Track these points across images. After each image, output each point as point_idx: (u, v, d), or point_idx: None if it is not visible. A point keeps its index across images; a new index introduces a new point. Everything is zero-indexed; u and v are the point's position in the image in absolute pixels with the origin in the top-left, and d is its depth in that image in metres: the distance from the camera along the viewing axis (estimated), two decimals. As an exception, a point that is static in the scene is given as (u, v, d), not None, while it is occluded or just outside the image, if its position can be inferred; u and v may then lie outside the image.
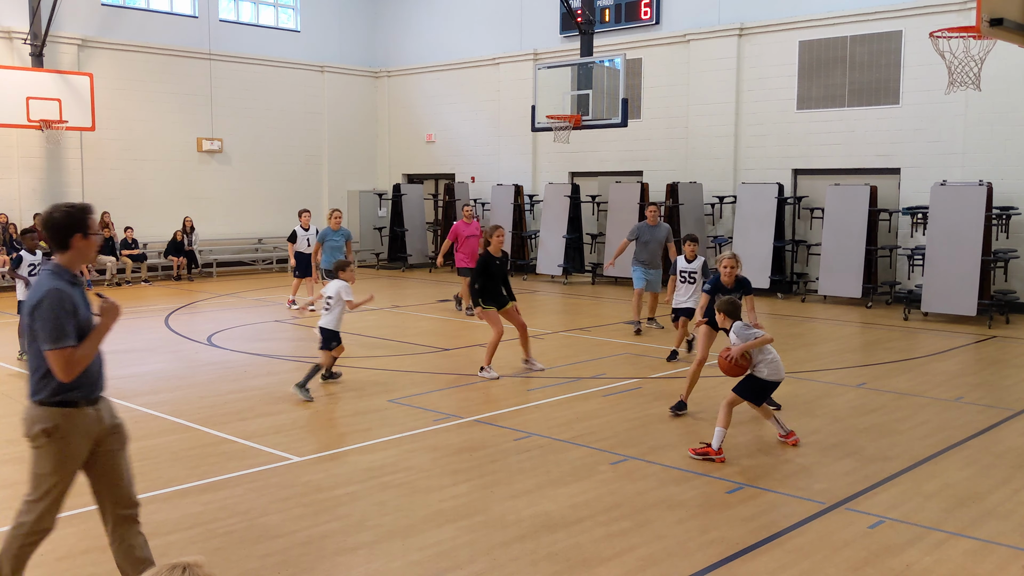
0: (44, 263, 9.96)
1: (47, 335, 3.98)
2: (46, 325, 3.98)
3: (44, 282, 4.06)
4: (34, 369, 4.12)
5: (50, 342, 3.97)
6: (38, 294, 4.02)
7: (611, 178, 20.56)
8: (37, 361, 4.09)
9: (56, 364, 3.99)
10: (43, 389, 4.12)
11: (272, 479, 6.53)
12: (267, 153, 23.46)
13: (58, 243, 4.12)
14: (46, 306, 3.99)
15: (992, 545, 5.35)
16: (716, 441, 6.97)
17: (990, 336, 13.10)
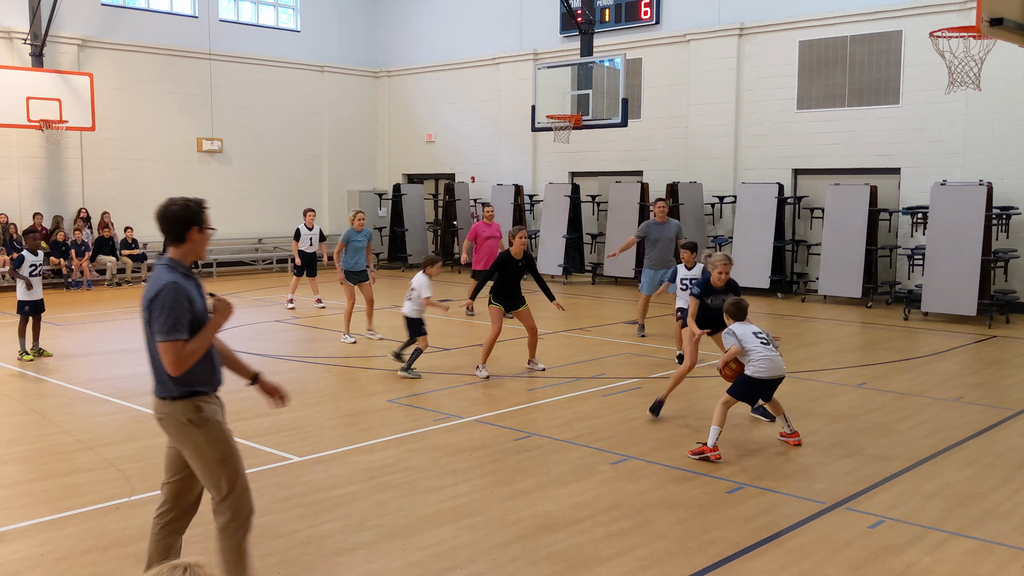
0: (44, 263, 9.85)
1: (160, 326, 3.98)
2: (161, 317, 3.98)
3: (161, 275, 4.06)
4: (160, 366, 4.09)
5: (163, 334, 3.97)
6: (156, 287, 4.02)
7: (611, 178, 20.56)
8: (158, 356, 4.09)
9: (167, 356, 3.98)
10: (181, 383, 4.11)
11: (272, 479, 6.53)
12: (267, 153, 23.46)
13: (174, 236, 4.13)
14: (163, 299, 3.99)
15: (992, 545, 5.35)
16: (711, 439, 6.98)
17: (990, 336, 13.10)
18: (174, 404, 4.12)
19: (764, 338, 7.16)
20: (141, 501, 6.05)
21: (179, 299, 4.00)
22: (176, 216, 4.12)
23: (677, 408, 8.63)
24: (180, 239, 4.14)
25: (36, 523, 5.69)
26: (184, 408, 4.11)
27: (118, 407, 8.66)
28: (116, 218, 20.37)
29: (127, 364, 10.81)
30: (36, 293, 11.02)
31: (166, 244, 4.20)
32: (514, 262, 10.03)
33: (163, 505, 4.34)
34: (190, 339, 4.02)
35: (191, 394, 4.13)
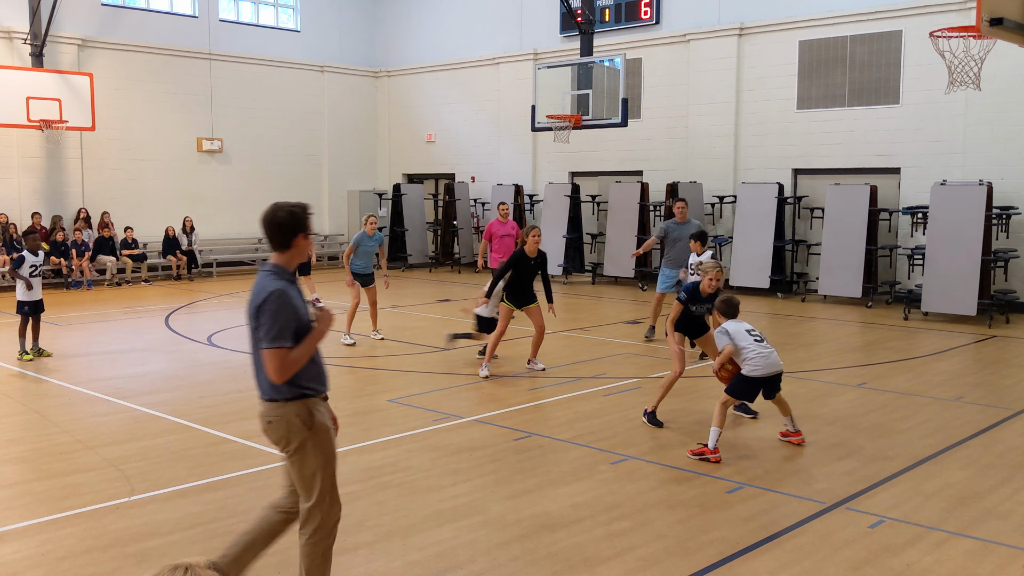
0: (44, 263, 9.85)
1: (266, 333, 3.98)
2: (267, 323, 3.98)
3: (267, 282, 4.06)
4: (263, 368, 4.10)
5: (268, 340, 3.97)
6: (262, 294, 4.01)
7: (611, 178, 20.57)
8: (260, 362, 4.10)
9: (271, 363, 3.98)
10: (292, 385, 4.10)
11: (272, 479, 6.52)
12: (267, 153, 23.46)
13: (280, 242, 4.12)
14: (270, 305, 3.99)
15: (992, 545, 5.35)
16: (711, 440, 6.97)
17: (990, 336, 13.10)
18: (286, 406, 4.11)
19: (758, 335, 7.15)
20: (141, 501, 6.06)
21: (285, 306, 4.00)
22: (283, 223, 4.11)
23: (677, 408, 8.63)
24: (286, 246, 4.13)
25: (36, 523, 5.69)
26: (297, 409, 4.12)
27: (118, 407, 8.66)
28: (116, 218, 20.37)
29: (127, 364, 10.81)
30: (36, 293, 10.98)
31: (272, 248, 4.18)
32: (528, 260, 10.06)
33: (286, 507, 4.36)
34: (294, 347, 4.02)
35: (302, 396, 4.13)
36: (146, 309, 15.78)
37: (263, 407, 4.16)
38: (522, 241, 10.21)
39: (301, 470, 4.15)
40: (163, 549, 5.24)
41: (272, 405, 4.12)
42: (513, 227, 14.35)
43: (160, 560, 5.07)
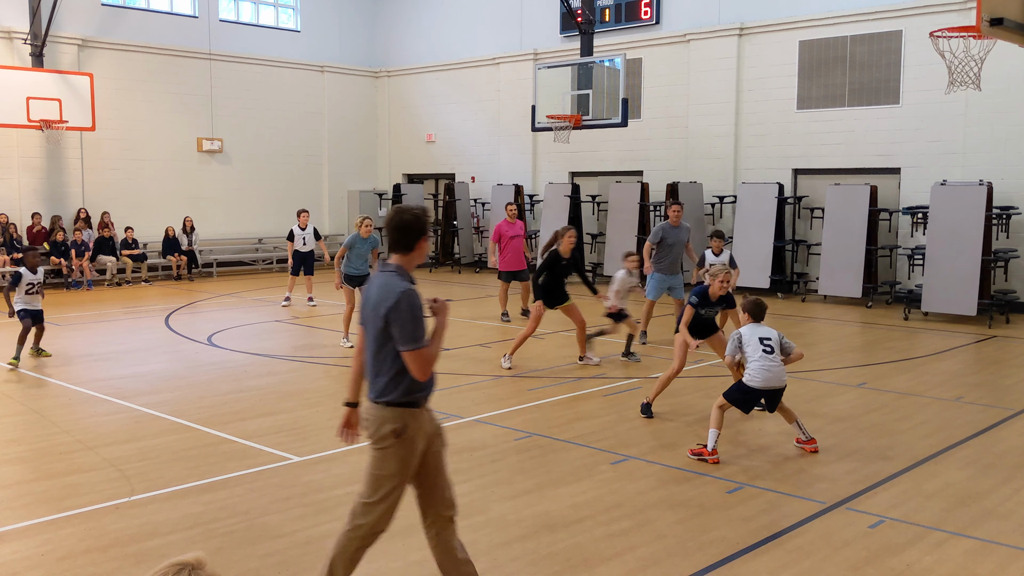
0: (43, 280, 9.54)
1: (407, 335, 3.98)
2: (406, 326, 3.98)
3: (394, 283, 4.05)
4: (384, 370, 4.10)
5: (411, 342, 3.97)
6: (393, 295, 4.00)
7: (611, 178, 20.56)
8: (388, 362, 4.08)
9: (416, 364, 4.00)
10: (394, 390, 4.10)
11: (272, 479, 6.53)
12: (267, 153, 23.46)
13: (405, 244, 4.15)
14: (405, 307, 3.99)
15: (992, 545, 5.34)
16: (710, 442, 6.97)
17: (990, 336, 13.10)
18: (387, 409, 4.13)
19: (769, 346, 7.02)
20: (141, 501, 6.05)
21: (418, 307, 4.03)
22: (410, 225, 4.14)
23: (677, 407, 8.64)
24: (409, 248, 4.16)
25: (36, 523, 5.69)
26: (394, 415, 4.13)
27: (118, 407, 8.66)
28: (116, 218, 20.38)
29: (127, 364, 10.81)
30: (36, 304, 10.73)
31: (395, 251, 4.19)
32: (562, 261, 10.25)
33: (426, 518, 4.39)
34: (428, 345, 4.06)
35: (407, 404, 4.14)
36: (146, 309, 15.78)
37: (368, 407, 4.20)
38: (554, 240, 10.42)
39: (378, 468, 4.21)
40: (163, 549, 5.24)
41: (374, 406, 4.16)
42: (521, 227, 14.26)
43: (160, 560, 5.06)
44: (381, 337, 4.06)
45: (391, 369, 4.08)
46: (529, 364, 10.75)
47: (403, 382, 4.09)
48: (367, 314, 4.15)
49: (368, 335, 4.15)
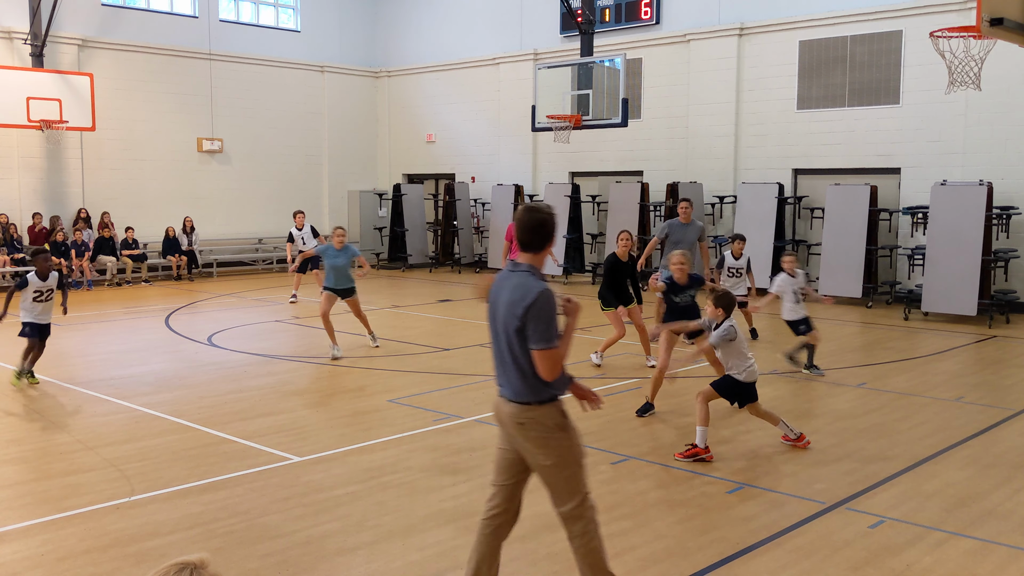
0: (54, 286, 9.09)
1: (541, 335, 3.98)
2: (540, 325, 3.98)
3: (531, 282, 4.05)
4: (529, 371, 4.08)
5: (544, 342, 3.98)
6: (531, 294, 4.00)
7: (611, 178, 20.56)
8: (530, 362, 4.06)
9: (546, 363, 4.00)
10: (549, 386, 4.11)
11: (272, 479, 6.53)
12: (267, 153, 23.46)
13: (538, 244, 4.17)
14: (541, 306, 3.99)
15: (992, 545, 5.34)
16: (700, 440, 6.97)
17: (990, 336, 13.10)
18: (540, 409, 4.10)
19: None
20: (141, 501, 6.06)
21: (553, 307, 4.03)
22: (543, 225, 4.16)
23: (677, 407, 8.63)
24: (541, 248, 4.18)
25: (36, 523, 5.69)
26: (551, 412, 4.11)
27: (118, 407, 8.66)
28: (116, 218, 20.37)
29: (127, 364, 10.81)
30: (44, 317, 9.52)
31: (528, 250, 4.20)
32: (621, 264, 10.40)
33: (496, 508, 4.34)
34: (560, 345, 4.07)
35: (554, 398, 4.14)
36: (146, 309, 15.78)
37: (513, 409, 4.13)
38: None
39: (557, 472, 4.14)
40: (163, 549, 5.24)
41: (523, 408, 4.10)
42: None
43: (160, 560, 5.07)
44: (518, 338, 4.05)
45: (532, 368, 4.07)
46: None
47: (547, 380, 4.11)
48: (500, 314, 4.13)
49: (501, 335, 4.13)
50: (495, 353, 4.20)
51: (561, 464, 4.13)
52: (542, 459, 4.12)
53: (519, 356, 4.06)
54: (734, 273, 12.13)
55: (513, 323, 4.03)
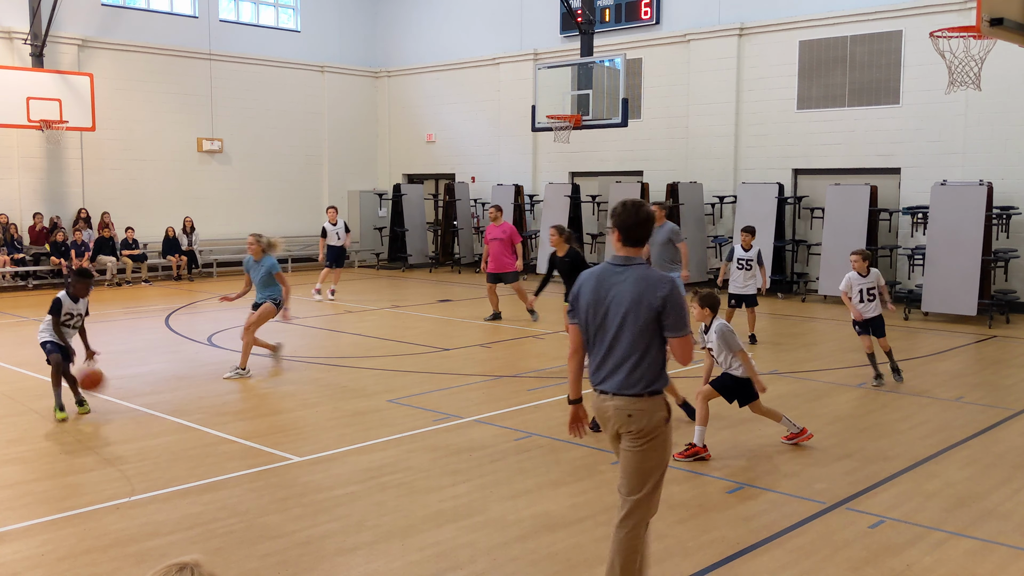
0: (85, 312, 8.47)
1: (679, 322, 4.16)
2: (681, 313, 4.17)
3: (658, 274, 4.24)
4: (645, 361, 4.18)
5: (682, 329, 4.16)
6: (665, 284, 4.15)
7: (611, 178, 20.56)
8: (652, 352, 4.19)
9: (683, 349, 4.19)
10: (656, 379, 4.22)
11: (272, 479, 6.53)
12: (267, 153, 23.46)
13: (642, 238, 4.29)
14: (676, 296, 4.15)
15: (993, 545, 5.34)
16: (698, 439, 6.98)
17: (990, 336, 13.10)
18: (652, 400, 4.21)
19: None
20: (141, 501, 6.06)
21: (683, 294, 4.29)
22: (649, 220, 4.31)
23: (675, 408, 8.63)
24: (643, 242, 4.30)
25: (36, 523, 5.69)
26: (659, 404, 4.23)
27: (118, 407, 8.66)
28: (116, 218, 20.37)
29: (127, 364, 10.81)
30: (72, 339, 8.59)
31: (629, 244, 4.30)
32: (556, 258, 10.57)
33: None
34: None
35: (660, 391, 4.26)
36: (146, 309, 15.78)
37: (622, 401, 4.20)
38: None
39: (643, 463, 4.21)
40: (163, 549, 5.24)
41: (636, 399, 4.19)
42: (504, 230, 14.11)
43: (160, 560, 5.06)
44: (646, 328, 4.14)
45: (656, 359, 4.19)
46: (529, 364, 10.76)
47: (662, 370, 4.23)
48: (621, 307, 4.16)
49: (620, 328, 4.18)
50: (600, 349, 4.25)
51: (652, 456, 4.22)
52: (638, 446, 4.20)
53: (639, 347, 4.16)
54: (743, 265, 12.03)
55: (647, 314, 4.14)
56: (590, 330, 4.29)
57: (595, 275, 4.30)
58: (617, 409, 4.21)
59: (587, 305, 4.27)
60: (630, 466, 4.22)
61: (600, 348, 4.25)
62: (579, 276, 4.43)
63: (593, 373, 4.31)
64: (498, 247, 14.02)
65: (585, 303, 4.29)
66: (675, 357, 4.21)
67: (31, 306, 16.14)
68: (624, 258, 4.26)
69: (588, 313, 4.27)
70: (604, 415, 4.28)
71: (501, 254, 13.98)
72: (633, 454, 4.21)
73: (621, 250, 4.30)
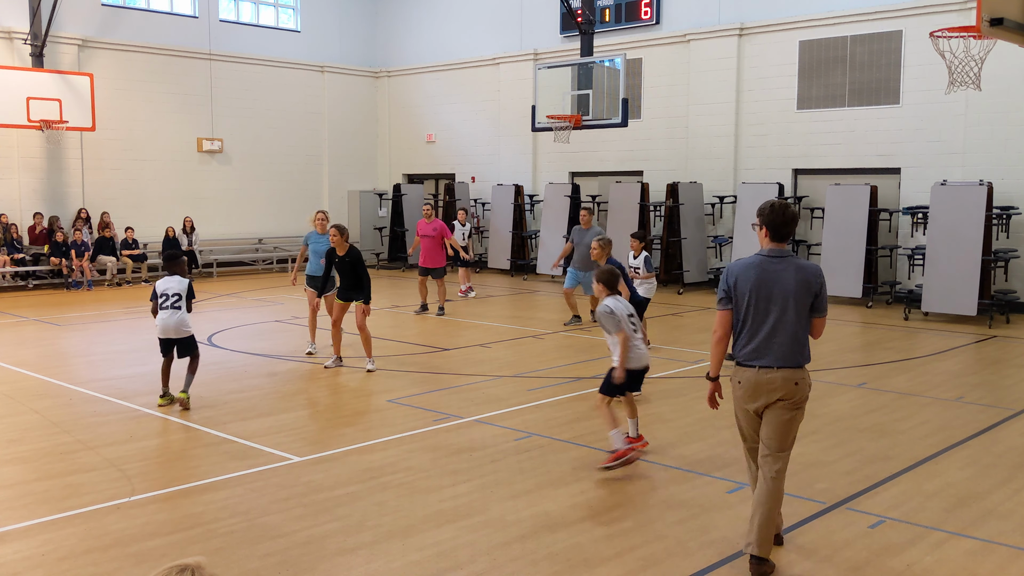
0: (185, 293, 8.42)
1: (825, 305, 4.96)
2: (825, 297, 4.95)
3: (809, 264, 4.97)
4: (803, 338, 4.92)
5: (826, 310, 4.97)
6: (818, 273, 4.94)
7: (611, 178, 20.56)
8: (805, 330, 4.93)
9: (823, 327, 5.03)
10: (808, 353, 4.96)
11: (272, 479, 6.54)
12: (267, 153, 23.46)
13: (787, 235, 4.97)
14: (824, 282, 4.96)
15: (993, 545, 5.35)
16: (618, 442, 6.58)
17: (990, 336, 13.10)
18: (805, 370, 4.96)
19: (634, 323, 6.84)
20: (141, 501, 6.06)
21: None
22: (795, 219, 5.01)
23: (678, 408, 8.64)
24: (789, 238, 4.99)
25: (37, 523, 5.69)
26: (807, 374, 4.98)
27: (118, 407, 8.66)
28: (116, 218, 20.38)
29: (127, 364, 10.81)
30: (166, 329, 8.52)
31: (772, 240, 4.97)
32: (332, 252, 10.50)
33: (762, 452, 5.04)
34: None
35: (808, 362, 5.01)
36: (146, 309, 15.72)
37: (790, 373, 4.88)
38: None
39: (794, 422, 4.96)
40: (163, 549, 5.24)
41: (800, 371, 4.91)
42: (435, 227, 14.79)
43: (160, 560, 5.07)
44: (804, 310, 4.88)
45: (806, 336, 4.93)
46: (529, 364, 10.76)
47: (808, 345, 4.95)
48: (786, 292, 4.83)
49: (784, 309, 4.84)
50: (762, 328, 4.87)
51: (800, 417, 4.99)
52: (792, 411, 4.94)
53: (800, 325, 4.88)
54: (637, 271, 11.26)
55: (807, 298, 4.87)
56: (750, 313, 4.89)
57: (754, 266, 4.91)
58: (785, 379, 4.88)
59: (751, 291, 4.88)
60: (784, 427, 4.94)
61: (763, 328, 4.87)
62: (732, 268, 4.98)
63: (753, 350, 4.90)
64: (429, 244, 14.50)
65: (748, 290, 4.88)
66: (814, 333, 4.97)
67: (31, 306, 16.15)
68: (778, 251, 4.94)
69: (751, 298, 4.88)
70: (768, 386, 4.88)
71: (431, 250, 14.69)
72: (790, 416, 4.94)
73: (770, 244, 4.95)
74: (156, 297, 8.55)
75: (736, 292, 4.92)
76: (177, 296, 8.52)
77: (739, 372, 4.98)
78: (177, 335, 8.57)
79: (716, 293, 5.06)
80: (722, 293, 4.99)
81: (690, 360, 11.06)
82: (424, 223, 14.98)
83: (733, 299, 4.94)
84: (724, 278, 4.99)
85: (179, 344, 8.63)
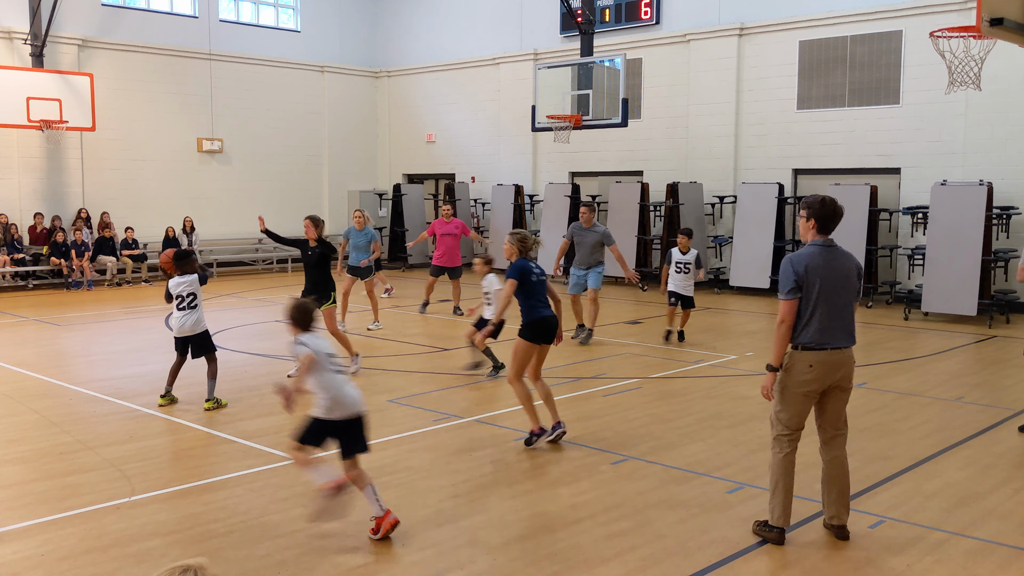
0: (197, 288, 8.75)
1: (861, 291, 5.44)
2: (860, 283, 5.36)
3: (850, 254, 5.37)
4: (853, 320, 5.31)
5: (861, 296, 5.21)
6: (859, 262, 5.36)
7: (611, 178, 20.56)
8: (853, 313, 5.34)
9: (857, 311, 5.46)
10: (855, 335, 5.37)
11: (272, 479, 6.53)
12: (267, 153, 23.46)
13: (832, 228, 5.29)
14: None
15: (993, 545, 5.35)
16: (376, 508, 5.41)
17: (990, 336, 13.10)
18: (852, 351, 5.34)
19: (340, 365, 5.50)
20: (141, 501, 6.06)
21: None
22: (840, 214, 5.28)
23: (678, 408, 8.64)
24: (833, 230, 5.29)
25: (36, 523, 5.69)
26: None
27: (118, 407, 8.66)
28: (116, 218, 20.38)
29: (127, 364, 10.80)
30: (184, 328, 8.77)
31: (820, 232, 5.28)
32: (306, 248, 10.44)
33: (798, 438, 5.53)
34: None
35: None
36: (146, 309, 15.77)
37: (847, 353, 5.28)
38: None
39: (846, 403, 5.43)
40: (163, 549, 5.24)
41: (850, 351, 5.30)
42: (456, 226, 15.04)
43: (160, 560, 5.07)
44: (855, 294, 5.30)
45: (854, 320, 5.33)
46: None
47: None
48: (846, 279, 5.23)
49: (844, 295, 5.23)
50: (829, 313, 5.18)
51: (849, 395, 5.44)
52: (848, 388, 5.37)
53: (852, 308, 5.28)
54: (681, 269, 12.15)
55: (857, 283, 5.31)
56: (821, 299, 5.16)
57: (816, 256, 5.21)
58: (850, 358, 5.28)
59: (822, 280, 5.17)
60: (842, 405, 5.41)
61: (831, 313, 5.19)
62: (797, 259, 5.21)
63: (826, 333, 5.18)
64: (451, 242, 15.01)
65: (819, 279, 5.17)
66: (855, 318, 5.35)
67: (31, 306, 16.14)
68: (828, 240, 5.28)
69: (822, 286, 5.16)
70: (840, 366, 5.23)
71: (453, 248, 14.99)
72: (847, 394, 5.39)
73: (817, 236, 5.26)
74: (171, 298, 8.81)
75: (808, 280, 5.19)
76: (192, 296, 8.79)
77: (808, 356, 5.19)
78: (192, 332, 8.80)
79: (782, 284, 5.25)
80: (792, 283, 5.19)
81: (690, 360, 11.06)
82: (443, 223, 15.11)
83: (804, 287, 5.19)
84: (791, 268, 5.21)
85: (194, 342, 8.77)
